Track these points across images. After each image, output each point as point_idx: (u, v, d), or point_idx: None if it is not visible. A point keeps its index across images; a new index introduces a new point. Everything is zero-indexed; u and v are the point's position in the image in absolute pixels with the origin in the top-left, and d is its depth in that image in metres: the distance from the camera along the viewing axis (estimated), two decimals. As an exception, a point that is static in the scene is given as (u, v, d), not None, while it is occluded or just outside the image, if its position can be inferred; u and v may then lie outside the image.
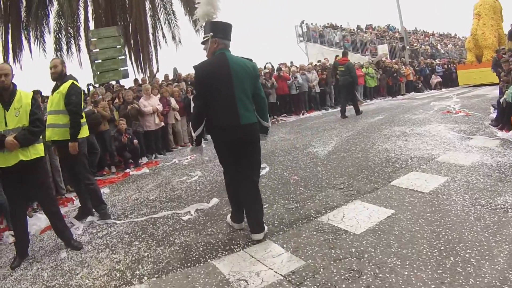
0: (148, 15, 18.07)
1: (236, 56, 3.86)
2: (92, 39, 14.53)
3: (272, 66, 16.02)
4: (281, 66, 16.26)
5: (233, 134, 3.72)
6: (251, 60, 3.94)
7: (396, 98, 19.33)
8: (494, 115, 9.59)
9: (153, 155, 9.91)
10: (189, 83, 13.10)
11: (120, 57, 14.75)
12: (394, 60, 21.99)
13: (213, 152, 9.48)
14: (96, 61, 14.42)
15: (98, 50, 14.44)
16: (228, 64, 3.71)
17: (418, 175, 5.25)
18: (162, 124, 10.28)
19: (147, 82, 13.14)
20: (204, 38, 3.92)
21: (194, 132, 3.85)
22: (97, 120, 8.51)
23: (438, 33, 39.73)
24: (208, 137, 8.55)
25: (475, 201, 4.17)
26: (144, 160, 9.50)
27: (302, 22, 31.08)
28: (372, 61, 21.05)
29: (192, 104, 3.90)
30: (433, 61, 24.79)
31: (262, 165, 5.19)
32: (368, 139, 8.09)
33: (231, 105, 3.68)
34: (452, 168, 5.46)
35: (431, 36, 36.09)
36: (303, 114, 15.11)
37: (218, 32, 3.83)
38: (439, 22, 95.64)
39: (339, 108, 13.99)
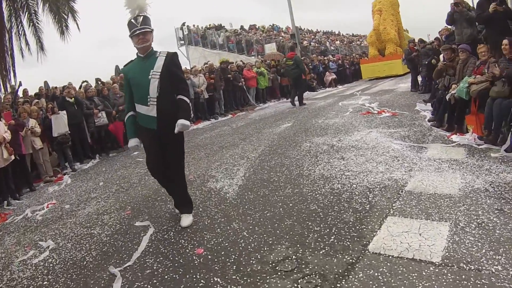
0: (6, 16, 14.56)
1: None
2: None
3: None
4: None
5: None
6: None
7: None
8: (425, 113, 8.50)
9: (5, 202, 7.30)
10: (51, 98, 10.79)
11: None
12: (284, 59, 20.85)
13: (77, 195, 6.92)
14: None
15: None
16: None
17: (402, 224, 3.43)
18: (12, 157, 7.62)
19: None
20: (148, 29, 4.08)
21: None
22: None
23: (323, 31, 40.41)
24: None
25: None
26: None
27: (183, 24, 29.53)
28: (263, 60, 19.83)
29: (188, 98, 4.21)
30: (325, 57, 24.27)
31: (143, 224, 4.54)
32: (289, 161, 6.16)
33: None
34: (440, 202, 3.80)
35: (316, 34, 36.35)
36: (189, 127, 12.93)
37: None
38: (321, 21, 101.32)
39: (229, 116, 14.67)
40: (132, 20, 4.07)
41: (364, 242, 3.15)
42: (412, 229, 3.29)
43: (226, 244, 3.54)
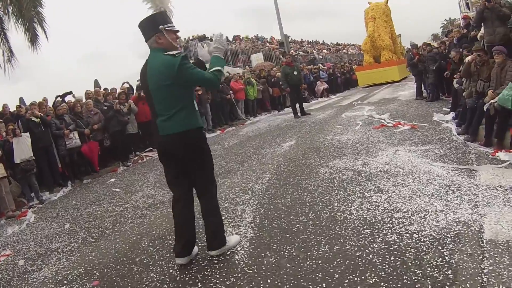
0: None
1: (160, 54, 3.33)
2: None
3: (130, 86, 13.31)
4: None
5: (159, 146, 3.59)
6: (174, 55, 3.28)
7: (284, 111, 16.92)
8: (448, 124, 7.43)
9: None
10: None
11: None
12: (275, 68, 19.73)
13: (36, 243, 5.28)
14: None
15: None
16: (146, 68, 3.44)
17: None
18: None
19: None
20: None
21: None
22: None
23: (307, 40, 39.59)
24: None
25: None
26: None
27: (164, 36, 27.96)
28: (252, 71, 18.81)
29: None
30: (316, 67, 23.27)
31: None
32: (310, 196, 4.81)
33: (153, 114, 3.50)
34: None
35: (303, 43, 35.52)
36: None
37: None
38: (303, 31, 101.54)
39: (218, 132, 13.51)
40: (167, 13, 3.58)
41: None
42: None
43: None
